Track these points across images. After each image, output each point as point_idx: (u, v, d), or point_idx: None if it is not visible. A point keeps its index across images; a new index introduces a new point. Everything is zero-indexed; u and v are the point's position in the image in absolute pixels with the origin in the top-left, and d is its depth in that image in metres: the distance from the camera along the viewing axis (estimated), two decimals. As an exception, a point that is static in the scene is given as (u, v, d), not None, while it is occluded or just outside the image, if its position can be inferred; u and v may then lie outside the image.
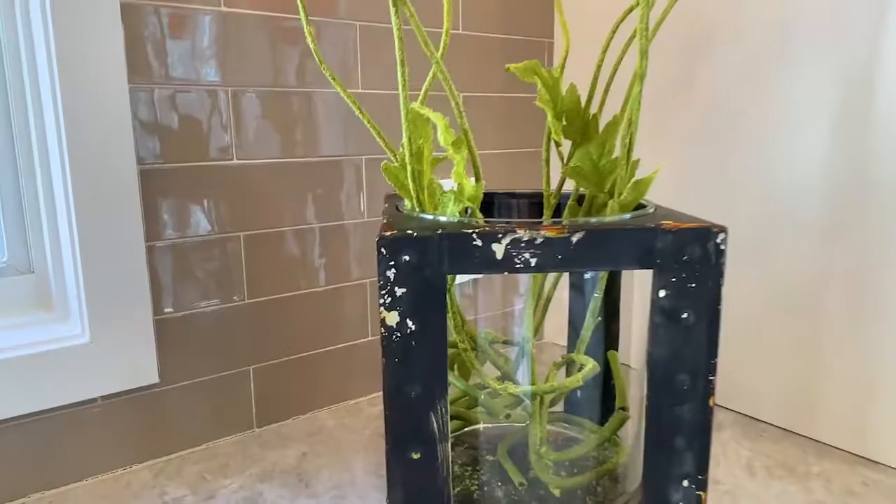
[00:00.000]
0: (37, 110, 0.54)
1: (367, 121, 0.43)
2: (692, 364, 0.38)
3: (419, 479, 0.39)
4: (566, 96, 0.48)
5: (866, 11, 0.54)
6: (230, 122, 0.59)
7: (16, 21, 0.54)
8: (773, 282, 0.63)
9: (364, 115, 0.43)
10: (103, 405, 0.56)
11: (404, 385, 0.37)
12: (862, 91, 0.55)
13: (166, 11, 0.55)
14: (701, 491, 0.39)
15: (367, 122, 0.43)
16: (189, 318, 0.60)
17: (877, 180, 0.55)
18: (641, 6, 0.42)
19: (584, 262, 0.37)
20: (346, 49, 0.65)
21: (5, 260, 0.58)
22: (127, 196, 0.55)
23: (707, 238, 0.36)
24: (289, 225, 0.64)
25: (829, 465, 0.58)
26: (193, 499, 0.53)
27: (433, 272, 0.36)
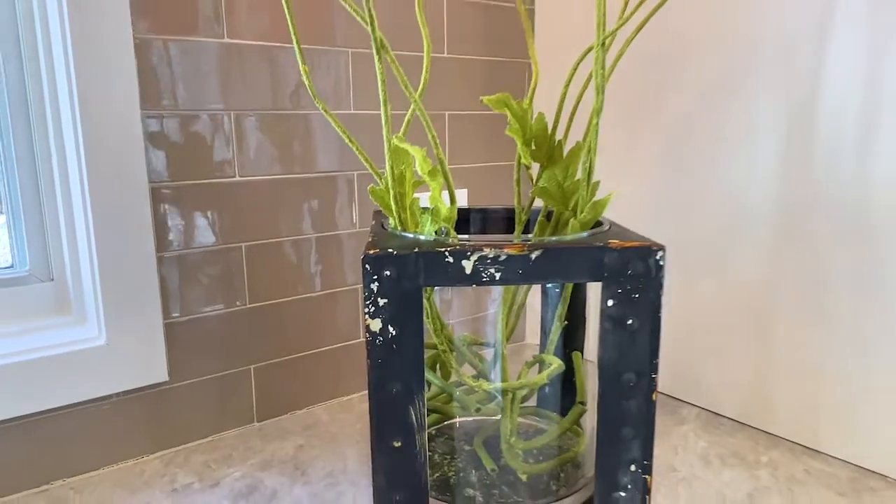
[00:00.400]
0: (58, 135, 0.59)
1: (356, 148, 0.48)
2: (637, 364, 0.43)
3: (400, 464, 0.44)
4: (535, 124, 0.53)
5: (808, 46, 0.60)
6: (233, 143, 0.64)
7: (38, 54, 0.59)
8: (731, 289, 0.69)
9: (353, 143, 0.48)
10: (118, 401, 0.61)
11: (386, 383, 0.42)
12: (805, 116, 0.61)
13: (174, 44, 0.60)
14: (647, 475, 0.45)
15: (357, 150, 0.48)
16: (195, 322, 0.65)
17: (819, 197, 0.61)
18: (596, 49, 0.47)
19: (542, 276, 0.42)
20: (339, 73, 0.71)
21: (27, 269, 0.63)
22: (139, 211, 0.60)
23: (648, 255, 0.42)
24: (287, 235, 0.70)
25: (778, 454, 0.63)
26: (200, 486, 0.59)
27: (411, 285, 0.41)
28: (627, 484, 0.45)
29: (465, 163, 0.83)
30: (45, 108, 0.60)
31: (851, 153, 0.58)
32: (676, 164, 0.72)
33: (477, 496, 0.50)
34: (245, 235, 0.67)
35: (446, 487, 0.51)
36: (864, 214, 0.58)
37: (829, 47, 0.58)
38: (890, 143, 0.56)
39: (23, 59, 0.59)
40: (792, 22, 0.60)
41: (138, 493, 0.58)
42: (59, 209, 0.61)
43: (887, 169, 0.56)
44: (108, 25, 0.56)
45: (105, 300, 0.59)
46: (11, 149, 0.60)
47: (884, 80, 0.55)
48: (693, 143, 0.70)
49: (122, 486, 0.59)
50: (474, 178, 0.85)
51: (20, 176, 0.61)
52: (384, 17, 0.72)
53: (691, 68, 0.69)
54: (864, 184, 0.57)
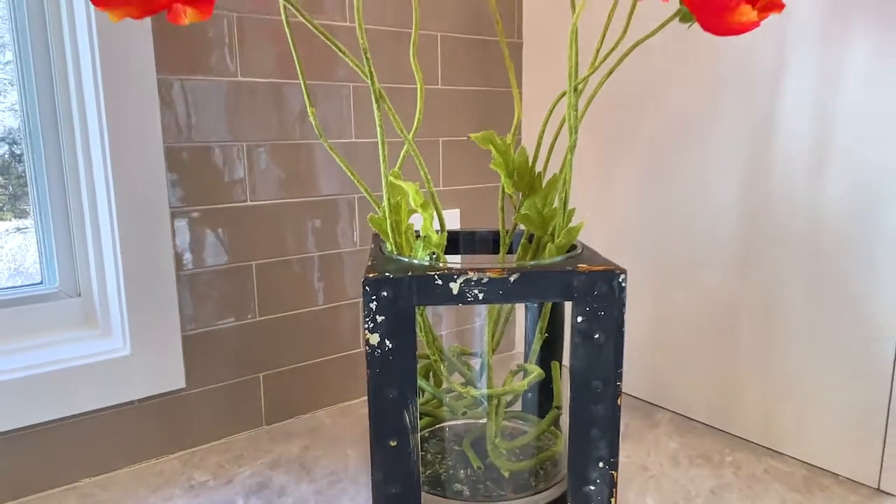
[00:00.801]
0: (87, 164, 0.65)
1: (356, 181, 0.54)
2: (603, 373, 0.49)
3: (396, 461, 0.49)
4: (517, 157, 0.59)
5: (765, 85, 0.66)
6: (245, 171, 0.70)
7: (70, 91, 0.65)
8: (700, 304, 0.74)
9: (355, 176, 0.54)
10: (139, 406, 0.67)
11: (383, 389, 0.48)
12: (763, 148, 0.67)
13: (192, 83, 0.66)
14: (613, 470, 0.50)
15: (357, 182, 0.54)
16: (210, 334, 0.71)
17: (776, 221, 0.66)
18: (569, 94, 0.53)
19: (520, 296, 0.48)
20: (341, 106, 0.76)
21: (57, 286, 0.69)
22: (161, 233, 0.66)
23: (612, 278, 0.48)
24: (293, 254, 0.75)
25: (741, 455, 0.69)
26: (215, 483, 0.64)
27: (405, 304, 0.47)
28: (596, 478, 0.50)
29: (458, 185, 0.89)
30: (75, 140, 0.65)
31: (804, 182, 0.64)
32: (650, 190, 0.78)
33: (465, 490, 0.55)
34: (255, 254, 0.72)
35: (437, 483, 0.56)
36: (815, 237, 0.64)
37: (782, 86, 0.64)
38: (836, 173, 0.61)
39: (55, 94, 0.65)
40: (751, 63, 0.66)
41: (159, 491, 0.63)
42: (87, 231, 0.67)
43: (834, 196, 0.62)
44: (134, 67, 0.62)
45: (130, 314, 0.65)
46: (44, 176, 0.66)
47: (831, 116, 0.61)
48: (664, 171, 0.76)
49: (143, 484, 0.64)
50: (466, 198, 0.91)
51: (52, 201, 0.67)
52: (384, 53, 0.78)
53: (663, 104, 0.75)
54: (815, 210, 0.63)
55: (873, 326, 0.60)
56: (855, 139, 0.60)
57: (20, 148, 0.66)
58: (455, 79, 0.86)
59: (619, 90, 0.78)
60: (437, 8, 0.83)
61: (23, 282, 0.69)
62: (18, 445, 0.61)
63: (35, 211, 0.67)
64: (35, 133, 0.65)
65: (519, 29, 0.92)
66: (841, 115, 0.60)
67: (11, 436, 0.61)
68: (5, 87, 0.66)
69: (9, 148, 0.67)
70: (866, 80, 0.58)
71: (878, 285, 0.60)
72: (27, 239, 0.69)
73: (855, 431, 0.63)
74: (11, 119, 0.66)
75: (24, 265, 0.70)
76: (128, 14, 0.38)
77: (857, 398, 0.62)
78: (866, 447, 0.62)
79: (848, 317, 0.62)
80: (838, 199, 0.61)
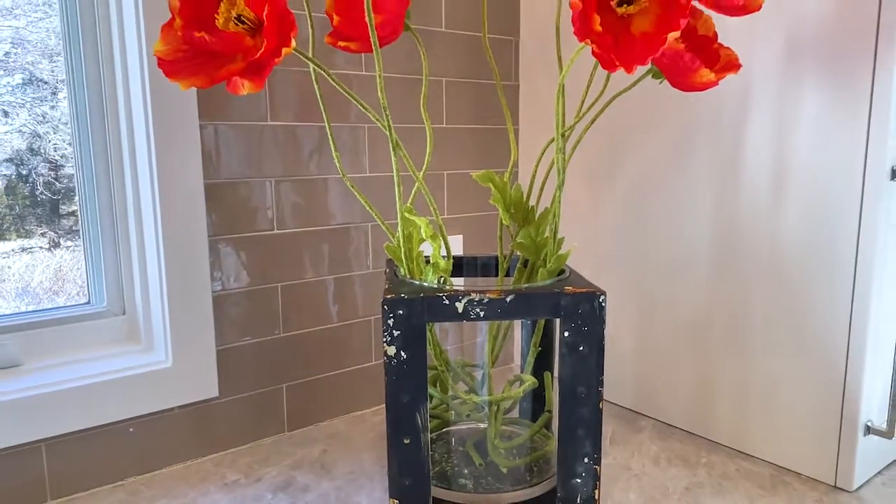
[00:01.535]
0: (136, 199, 0.73)
1: (375, 214, 0.61)
2: (587, 380, 0.56)
3: (409, 457, 0.57)
4: (513, 193, 0.67)
5: (731, 126, 0.74)
6: (273, 203, 0.78)
7: (121, 135, 0.73)
8: (677, 324, 0.82)
9: (373, 210, 0.61)
10: (179, 413, 0.74)
11: (399, 394, 0.55)
12: (730, 182, 0.75)
13: (228, 128, 0.74)
14: (597, 465, 0.58)
15: (374, 214, 0.61)
16: (241, 348, 0.78)
17: (742, 247, 0.74)
18: (556, 140, 0.61)
19: (515, 314, 0.56)
20: (357, 143, 0.85)
21: (105, 306, 0.77)
22: (200, 258, 0.73)
23: (593, 298, 0.55)
24: (313, 277, 0.83)
25: (715, 457, 0.76)
26: (246, 481, 0.71)
27: (417, 321, 0.54)
28: (582, 472, 0.58)
29: (461, 213, 0.97)
30: (124, 177, 0.73)
31: (765, 214, 0.72)
32: (633, 218, 0.86)
33: (468, 484, 0.62)
34: (280, 277, 0.80)
35: (444, 478, 0.63)
36: (775, 261, 0.71)
37: (745, 131, 0.72)
38: (792, 206, 0.69)
39: (107, 136, 0.73)
40: (718, 111, 0.75)
41: (197, 487, 0.70)
42: (133, 257, 0.75)
43: (791, 226, 0.69)
44: (180, 115, 0.70)
45: (172, 331, 0.72)
46: (96, 210, 0.74)
47: (787, 157, 0.69)
48: (645, 203, 0.84)
49: (183, 482, 0.71)
50: (469, 225, 0.98)
51: (102, 231, 0.75)
52: (395, 97, 0.87)
53: (643, 145, 0.83)
54: (775, 237, 0.71)
55: (826, 340, 0.68)
56: (807, 177, 0.68)
57: (26, 169, 0.70)
58: (459, 118, 0.95)
59: (606, 132, 0.86)
60: (442, 56, 0.91)
61: (28, 301, 0.74)
62: (72, 448, 0.68)
63: (86, 239, 0.75)
64: (88, 173, 0.73)
65: (516, 72, 1.00)
66: (795, 157, 0.68)
67: (66, 439, 0.68)
68: (14, 110, 0.71)
69: (16, 169, 0.71)
70: (816, 128, 0.67)
71: (829, 304, 0.67)
72: (34, 259, 0.73)
73: (814, 434, 0.70)
74: (19, 140, 0.71)
75: (30, 285, 0.74)
76: (194, 84, 0.46)
77: (815, 404, 0.69)
78: (824, 448, 0.69)
79: (804, 332, 0.70)
80: (794, 228, 0.69)
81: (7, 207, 0.72)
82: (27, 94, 0.73)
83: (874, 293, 0.64)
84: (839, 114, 0.65)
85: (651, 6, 0.47)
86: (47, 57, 0.73)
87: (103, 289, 0.76)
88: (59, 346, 0.72)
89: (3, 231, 0.73)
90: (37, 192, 0.74)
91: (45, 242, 0.77)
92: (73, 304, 0.77)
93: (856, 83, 0.63)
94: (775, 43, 0.69)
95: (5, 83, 0.71)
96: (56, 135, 0.75)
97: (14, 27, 0.71)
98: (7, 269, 0.73)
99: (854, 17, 0.63)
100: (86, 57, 0.71)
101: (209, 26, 0.47)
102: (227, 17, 0.46)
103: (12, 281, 0.74)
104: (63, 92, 0.73)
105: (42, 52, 0.72)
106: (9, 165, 0.71)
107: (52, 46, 0.72)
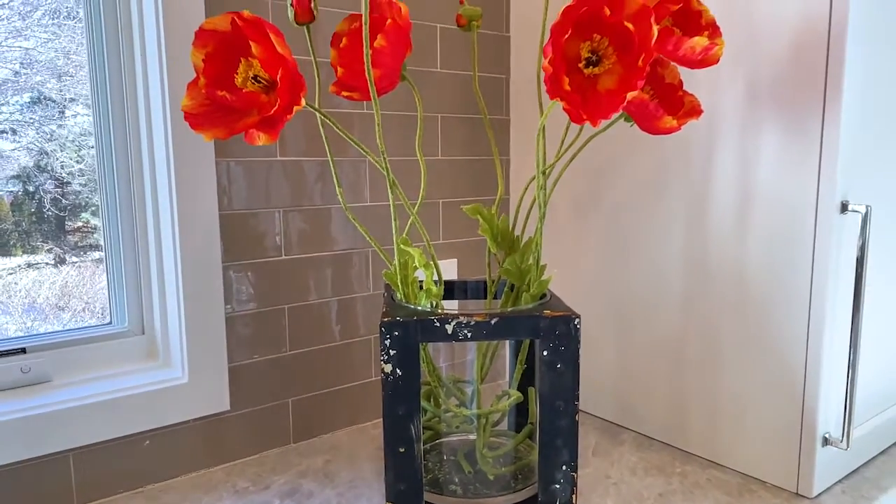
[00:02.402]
0: (156, 231, 0.79)
1: (374, 244, 0.68)
2: (564, 394, 0.62)
3: (404, 464, 0.62)
4: (500, 224, 0.73)
5: (700, 162, 0.80)
6: (281, 231, 0.85)
7: (143, 172, 0.79)
8: (654, 342, 0.88)
9: (372, 240, 0.67)
10: (193, 425, 0.80)
11: (394, 407, 0.61)
12: (700, 213, 0.81)
13: (241, 164, 0.81)
14: (574, 472, 0.63)
15: (374, 244, 0.67)
16: (250, 366, 0.84)
17: (712, 273, 0.80)
18: (538, 178, 0.67)
19: (499, 335, 0.62)
20: (359, 175, 0.91)
21: (126, 326, 0.83)
22: (214, 283, 0.79)
23: (569, 321, 0.61)
24: (317, 298, 0.89)
25: (689, 467, 0.81)
26: (255, 488, 0.77)
27: (411, 341, 0.60)
28: (560, 479, 0.63)
29: (455, 238, 1.03)
30: (146, 209, 0.80)
31: (731, 243, 0.78)
32: (614, 246, 0.92)
33: (458, 490, 0.68)
34: (287, 299, 0.86)
35: (437, 484, 0.69)
36: (741, 286, 0.77)
37: (712, 166, 0.79)
38: (755, 236, 0.75)
39: (131, 178, 0.79)
40: (688, 149, 0.81)
41: (211, 493, 0.76)
42: (153, 282, 0.81)
43: (754, 254, 0.75)
44: (199, 154, 0.76)
45: (189, 350, 0.78)
46: (119, 239, 0.80)
47: (750, 191, 0.75)
48: (625, 231, 0.90)
49: (198, 489, 0.77)
50: (462, 249, 1.04)
51: (125, 259, 0.81)
52: (393, 132, 0.93)
53: (622, 176, 0.89)
54: (740, 264, 0.77)
55: (786, 358, 0.74)
56: (767, 210, 0.74)
57: (33, 186, 0.71)
58: (453, 151, 1.01)
59: (589, 166, 0.92)
60: (438, 94, 0.98)
61: (35, 317, 0.76)
62: (97, 457, 0.74)
63: (109, 265, 0.81)
64: (113, 207, 0.80)
65: (507, 108, 1.07)
66: (757, 192, 0.75)
67: (91, 449, 0.73)
68: (22, 128, 0.72)
69: (23, 185, 0.72)
70: (774, 166, 0.73)
71: (788, 325, 0.73)
72: (41, 275, 0.74)
73: (778, 445, 0.75)
74: (26, 157, 0.72)
75: (36, 301, 0.76)
76: (216, 136, 0.52)
77: (778, 417, 0.75)
78: (786, 458, 0.74)
79: (767, 350, 0.75)
80: (756, 256, 0.75)
81: (13, 224, 0.73)
82: (35, 113, 0.74)
83: (828, 315, 0.70)
84: (794, 154, 0.71)
85: (614, 67, 0.53)
86: (56, 77, 0.75)
87: (125, 311, 0.82)
88: (85, 363, 0.78)
89: (10, 247, 0.74)
90: (43, 208, 0.76)
91: (50, 258, 0.78)
92: (97, 325, 0.82)
93: (807, 126, 0.69)
94: (738, 90, 0.75)
95: (14, 102, 0.72)
96: (63, 152, 0.76)
97: (24, 48, 0.74)
98: (14, 286, 0.75)
99: (805, 67, 0.69)
100: (112, 105, 0.77)
101: (229, 85, 0.53)
102: (246, 76, 0.53)
103: (19, 297, 0.76)
104: (70, 110, 0.75)
105: (51, 71, 0.74)
106: (16, 182, 0.72)
107: (60, 66, 0.75)
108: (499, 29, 1.03)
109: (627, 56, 0.52)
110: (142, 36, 0.76)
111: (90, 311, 0.82)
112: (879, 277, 0.77)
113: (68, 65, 0.76)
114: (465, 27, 0.74)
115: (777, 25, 0.71)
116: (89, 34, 0.76)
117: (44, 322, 0.79)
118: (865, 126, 0.71)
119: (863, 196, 0.71)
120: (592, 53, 0.52)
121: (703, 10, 0.64)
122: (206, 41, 0.53)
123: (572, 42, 0.52)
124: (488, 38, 1.03)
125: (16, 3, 0.73)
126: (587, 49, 0.53)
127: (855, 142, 0.69)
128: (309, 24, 0.64)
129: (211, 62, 0.53)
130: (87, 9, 0.76)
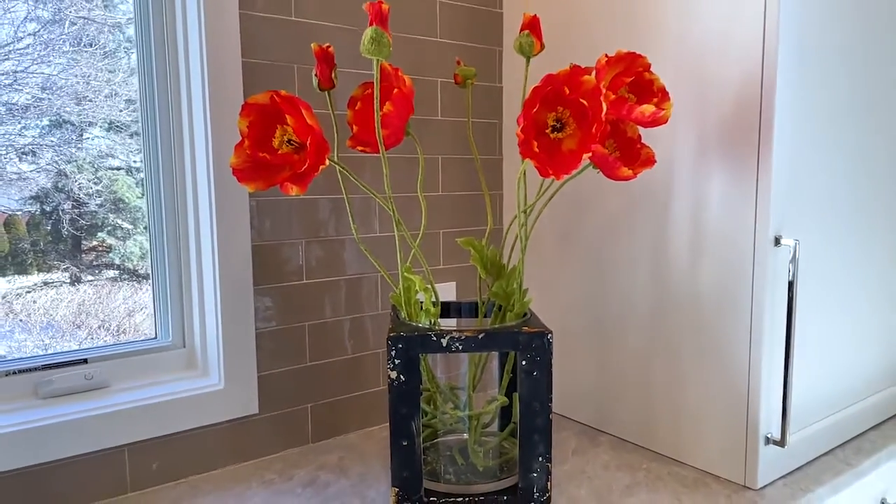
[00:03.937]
0: (198, 257, 0.92)
1: (382, 270, 0.80)
2: (539, 397, 0.73)
3: (407, 456, 0.74)
4: (490, 254, 0.85)
5: (662, 207, 0.92)
6: (303, 259, 0.97)
7: (187, 206, 0.92)
8: (626, 355, 0.99)
9: (381, 268, 0.80)
10: (227, 426, 0.92)
11: (398, 407, 0.73)
12: (663, 247, 0.92)
13: (271, 202, 0.93)
14: (549, 463, 0.74)
15: (382, 271, 0.80)
16: (276, 375, 0.96)
17: (672, 299, 0.92)
18: (518, 216, 0.80)
19: (486, 348, 0.73)
20: (369, 210, 1.03)
21: (170, 341, 0.95)
22: (246, 303, 0.92)
23: (543, 336, 0.73)
24: (332, 317, 1.01)
25: (654, 464, 0.92)
26: (280, 479, 0.88)
27: (413, 353, 0.72)
28: (537, 468, 0.74)
29: (454, 264, 1.15)
30: (189, 241, 0.93)
31: (688, 271, 0.89)
32: (592, 271, 1.03)
33: (452, 478, 0.79)
34: (307, 318, 0.98)
35: (434, 475, 0.80)
36: (697, 308, 0.89)
37: (671, 205, 0.91)
38: (707, 266, 0.87)
39: (176, 212, 0.92)
40: (653, 189, 0.93)
41: (242, 483, 0.87)
42: (193, 302, 0.93)
43: (706, 281, 0.87)
44: (235, 194, 0.89)
45: (225, 361, 0.90)
46: (166, 266, 0.93)
47: (703, 228, 0.87)
48: (601, 259, 1.02)
49: (231, 481, 0.88)
50: (461, 273, 1.16)
51: (170, 281, 0.93)
52: (399, 170, 1.06)
53: (598, 211, 1.01)
54: (695, 289, 0.88)
55: (733, 368, 0.85)
56: (716, 243, 0.85)
57: (50, 206, 0.71)
58: (452, 187, 1.13)
59: (569, 201, 1.04)
60: (439, 138, 1.11)
61: (52, 335, 0.82)
62: (147, 451, 0.86)
63: (156, 289, 0.94)
64: (160, 238, 0.92)
65: (500, 148, 1.19)
66: (707, 228, 0.86)
67: (142, 444, 0.85)
68: (41, 150, 0.74)
69: (40, 206, 0.74)
70: (721, 206, 0.85)
71: (735, 340, 0.84)
72: (59, 294, 0.77)
73: (728, 444, 0.86)
74: (45, 179, 0.74)
75: (55, 319, 0.79)
76: (257, 188, 0.65)
77: (728, 419, 0.86)
78: (735, 455, 0.85)
79: (718, 362, 0.86)
80: (708, 282, 0.87)
81: (31, 243, 0.74)
82: (54, 136, 0.77)
83: (766, 333, 0.82)
84: (736, 197, 0.83)
85: (574, 132, 0.66)
86: (75, 101, 0.77)
87: (169, 327, 0.94)
88: (136, 372, 0.90)
89: (27, 266, 0.75)
90: (61, 228, 0.78)
91: (66, 277, 0.80)
92: (144, 339, 0.95)
93: (745, 174, 0.81)
94: (690, 143, 0.87)
95: (34, 125, 0.74)
96: (81, 174, 0.77)
97: (45, 74, 0.78)
98: (33, 304, 0.78)
99: (744, 122, 0.81)
100: (162, 162, 0.91)
101: (268, 147, 0.66)
102: (281, 140, 0.65)
103: (38, 314, 0.80)
104: (88, 133, 0.77)
105: (71, 96, 0.76)
106: (33, 203, 0.74)
107: (80, 91, 0.77)
108: (492, 80, 1.17)
109: (584, 123, 0.65)
110: (189, 106, 0.89)
111: (105, 328, 0.88)
112: (816, 299, 0.89)
113: (87, 90, 0.78)
114: (461, 84, 0.87)
115: (723, 86, 0.83)
116: (143, 108, 0.89)
117: (61, 340, 0.81)
118: (794, 171, 0.83)
119: (794, 230, 0.83)
120: (557, 121, 0.65)
121: (654, 78, 0.76)
122: (249, 112, 0.66)
123: (540, 113, 0.65)
124: (483, 89, 1.16)
125: (43, 32, 0.74)
126: (553, 118, 0.65)
127: (787, 185, 0.81)
128: (329, 90, 0.77)
129: (254, 129, 0.66)
130: (142, 89, 0.89)
